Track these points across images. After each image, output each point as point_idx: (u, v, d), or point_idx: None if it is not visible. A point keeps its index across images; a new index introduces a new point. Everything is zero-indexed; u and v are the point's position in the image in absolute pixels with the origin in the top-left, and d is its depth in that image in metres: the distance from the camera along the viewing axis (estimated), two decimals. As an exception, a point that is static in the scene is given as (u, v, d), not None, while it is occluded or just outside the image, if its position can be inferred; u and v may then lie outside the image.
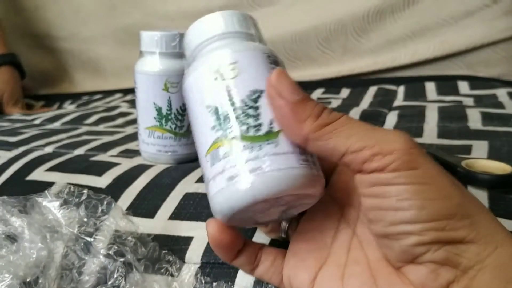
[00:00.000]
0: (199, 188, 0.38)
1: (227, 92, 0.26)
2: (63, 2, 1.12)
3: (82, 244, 0.30)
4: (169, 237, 0.34)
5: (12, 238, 0.30)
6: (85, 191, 0.33)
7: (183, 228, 0.35)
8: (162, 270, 0.33)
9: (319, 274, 0.26)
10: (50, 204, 0.31)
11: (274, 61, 0.27)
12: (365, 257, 0.25)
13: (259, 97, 0.26)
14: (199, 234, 0.34)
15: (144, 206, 0.38)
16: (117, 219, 0.32)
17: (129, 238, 0.31)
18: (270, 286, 0.29)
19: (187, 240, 0.34)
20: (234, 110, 0.25)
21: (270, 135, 0.25)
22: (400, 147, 0.23)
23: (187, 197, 0.37)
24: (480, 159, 0.39)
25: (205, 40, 0.28)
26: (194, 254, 0.33)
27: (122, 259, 0.30)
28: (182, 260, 0.33)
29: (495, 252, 0.22)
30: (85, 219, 0.31)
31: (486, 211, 0.23)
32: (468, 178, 0.36)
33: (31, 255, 0.29)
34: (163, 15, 1.02)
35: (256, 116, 0.25)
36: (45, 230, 0.30)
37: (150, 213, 0.37)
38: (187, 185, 0.39)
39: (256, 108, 0.26)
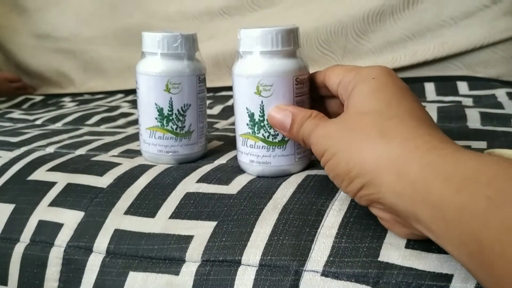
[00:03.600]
0: (199, 188, 0.39)
1: (261, 106, 0.38)
2: (64, 3, 1.12)
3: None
4: (169, 236, 0.35)
5: None
6: None
7: (183, 227, 0.35)
8: (163, 269, 0.33)
9: None
10: None
11: (300, 80, 0.38)
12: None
13: None
14: (200, 233, 0.34)
15: (145, 205, 0.38)
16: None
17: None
18: (267, 286, 0.30)
19: (188, 239, 0.34)
20: (263, 120, 0.38)
21: (282, 142, 0.39)
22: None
23: (188, 196, 0.38)
24: (496, 149, 0.39)
25: (256, 50, 0.38)
26: (195, 252, 0.33)
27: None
28: (183, 258, 0.33)
29: None
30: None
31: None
32: None
33: None
34: (164, 16, 1.03)
35: None
36: None
37: (151, 213, 0.37)
38: (188, 185, 0.39)
39: None
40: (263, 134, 0.39)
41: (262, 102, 0.38)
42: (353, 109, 0.31)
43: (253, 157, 0.39)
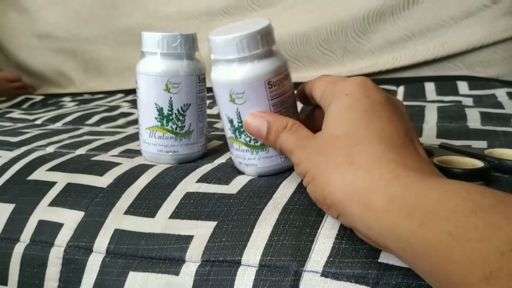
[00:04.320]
0: (199, 188, 0.39)
1: (237, 113, 0.38)
2: (64, 3, 1.12)
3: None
4: (169, 236, 0.35)
5: None
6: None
7: (183, 227, 0.35)
8: (163, 269, 0.33)
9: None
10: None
11: (274, 82, 0.37)
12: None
13: None
14: (200, 233, 0.34)
15: (145, 205, 0.38)
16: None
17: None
18: (266, 286, 0.30)
19: (188, 239, 0.34)
20: (241, 126, 0.38)
21: (264, 145, 0.38)
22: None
23: (188, 196, 0.38)
24: (496, 148, 0.40)
25: (228, 58, 0.36)
26: (195, 252, 0.33)
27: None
28: (183, 258, 0.33)
29: None
30: None
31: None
32: (504, 166, 0.37)
33: None
34: (164, 16, 1.03)
35: None
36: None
37: (151, 213, 0.37)
38: (187, 185, 0.39)
39: None
40: (244, 139, 0.39)
41: (237, 109, 0.37)
42: (326, 130, 0.31)
43: (240, 159, 0.40)
